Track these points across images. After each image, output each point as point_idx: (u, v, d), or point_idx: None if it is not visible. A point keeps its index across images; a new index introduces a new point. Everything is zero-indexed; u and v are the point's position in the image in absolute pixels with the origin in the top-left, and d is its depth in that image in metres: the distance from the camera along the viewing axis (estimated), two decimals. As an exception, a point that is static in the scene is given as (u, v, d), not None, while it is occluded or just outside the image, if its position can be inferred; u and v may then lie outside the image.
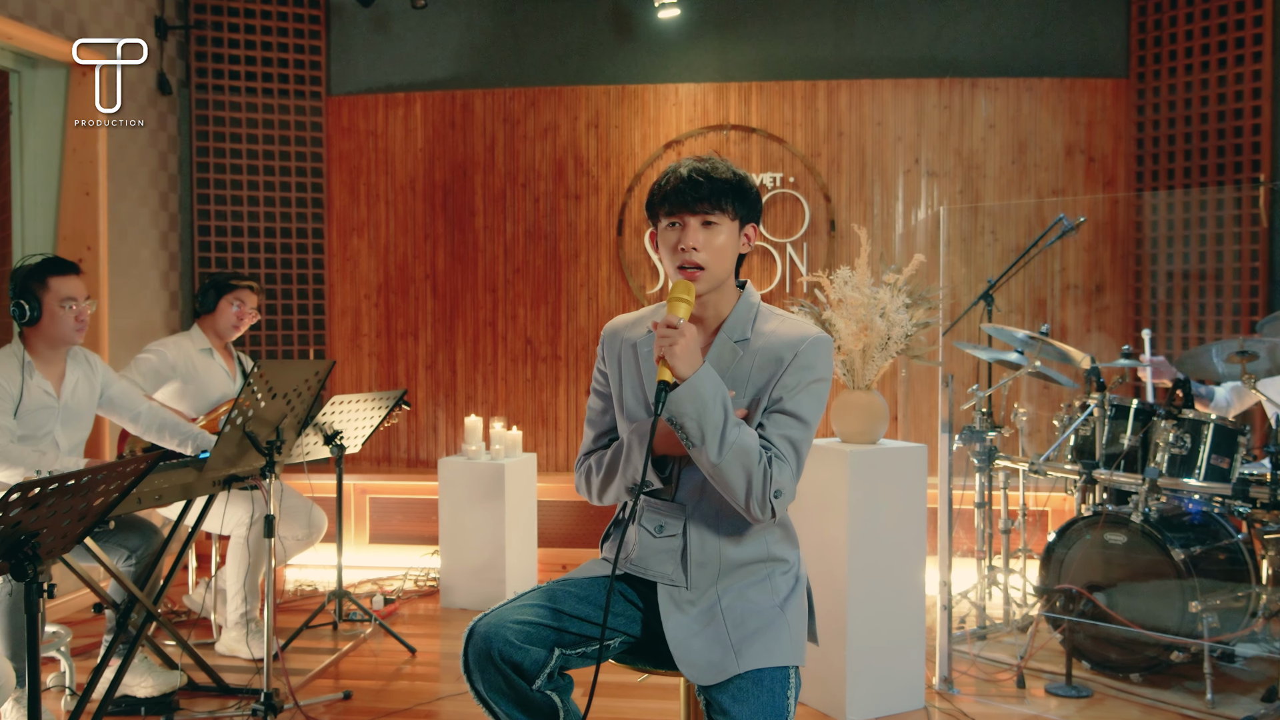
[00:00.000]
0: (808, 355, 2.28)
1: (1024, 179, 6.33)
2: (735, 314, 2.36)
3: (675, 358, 2.15)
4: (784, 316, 2.39)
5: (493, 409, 6.63)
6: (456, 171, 6.66)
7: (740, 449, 2.18)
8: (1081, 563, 4.40)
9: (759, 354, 2.31)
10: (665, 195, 2.30)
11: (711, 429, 2.16)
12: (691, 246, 2.26)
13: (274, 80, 6.60)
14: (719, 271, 2.30)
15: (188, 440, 4.23)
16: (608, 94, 6.55)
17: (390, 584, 5.82)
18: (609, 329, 2.54)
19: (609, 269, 6.56)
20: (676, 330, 2.16)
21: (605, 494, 2.48)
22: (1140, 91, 6.21)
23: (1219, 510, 4.41)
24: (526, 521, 5.67)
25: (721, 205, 2.27)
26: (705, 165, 2.30)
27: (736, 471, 2.18)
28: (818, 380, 2.29)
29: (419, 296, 6.72)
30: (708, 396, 2.16)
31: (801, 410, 2.27)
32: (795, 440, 2.26)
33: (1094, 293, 6.30)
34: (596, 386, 2.55)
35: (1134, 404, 4.61)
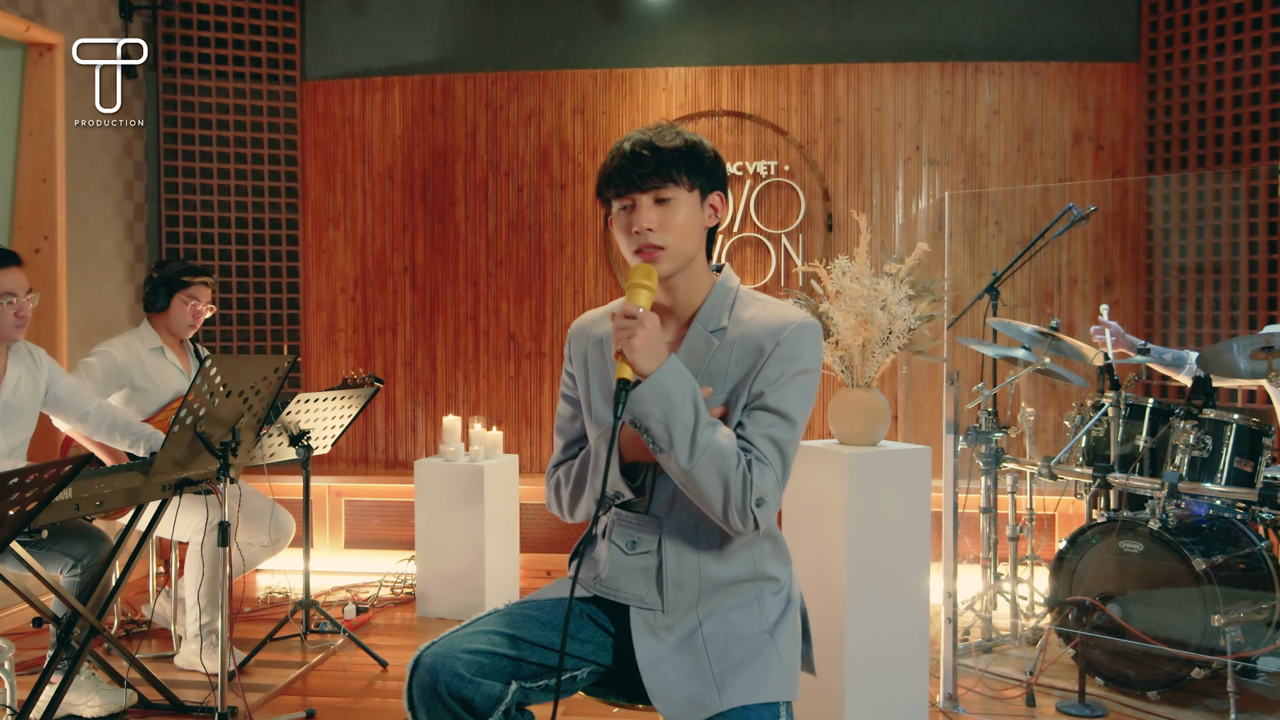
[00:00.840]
0: (792, 343, 2.01)
1: (1030, 167, 6.05)
2: (710, 301, 2.10)
3: (635, 351, 1.89)
4: (766, 301, 2.12)
5: (474, 408, 6.35)
6: (437, 159, 6.38)
7: (714, 452, 1.92)
8: (1095, 572, 4.13)
9: (737, 344, 2.05)
10: (610, 176, 2.06)
11: (680, 431, 1.90)
12: (646, 227, 2.01)
13: (245, 64, 6.32)
14: (683, 250, 2.04)
15: (140, 440, 3.96)
16: (594, 78, 6.27)
17: (365, 591, 5.55)
18: (575, 326, 2.29)
19: (596, 262, 6.28)
20: (635, 320, 1.91)
21: (576, 509, 2.21)
22: (1151, 76, 5.94)
23: (1241, 516, 4.14)
24: (508, 526, 5.40)
25: (674, 177, 2.02)
26: (649, 135, 2.05)
27: (711, 478, 1.92)
28: (804, 371, 2.03)
29: (397, 290, 6.44)
30: (674, 393, 1.90)
31: (785, 405, 2.00)
32: (779, 440, 1.99)
33: (1102, 286, 6.03)
34: (565, 390, 2.30)
35: (1150, 403, 4.35)
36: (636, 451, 2.05)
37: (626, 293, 2.00)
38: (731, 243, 6.13)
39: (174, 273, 4.50)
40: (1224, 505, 4.14)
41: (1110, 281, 6.03)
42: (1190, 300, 5.83)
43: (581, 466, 2.17)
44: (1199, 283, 5.81)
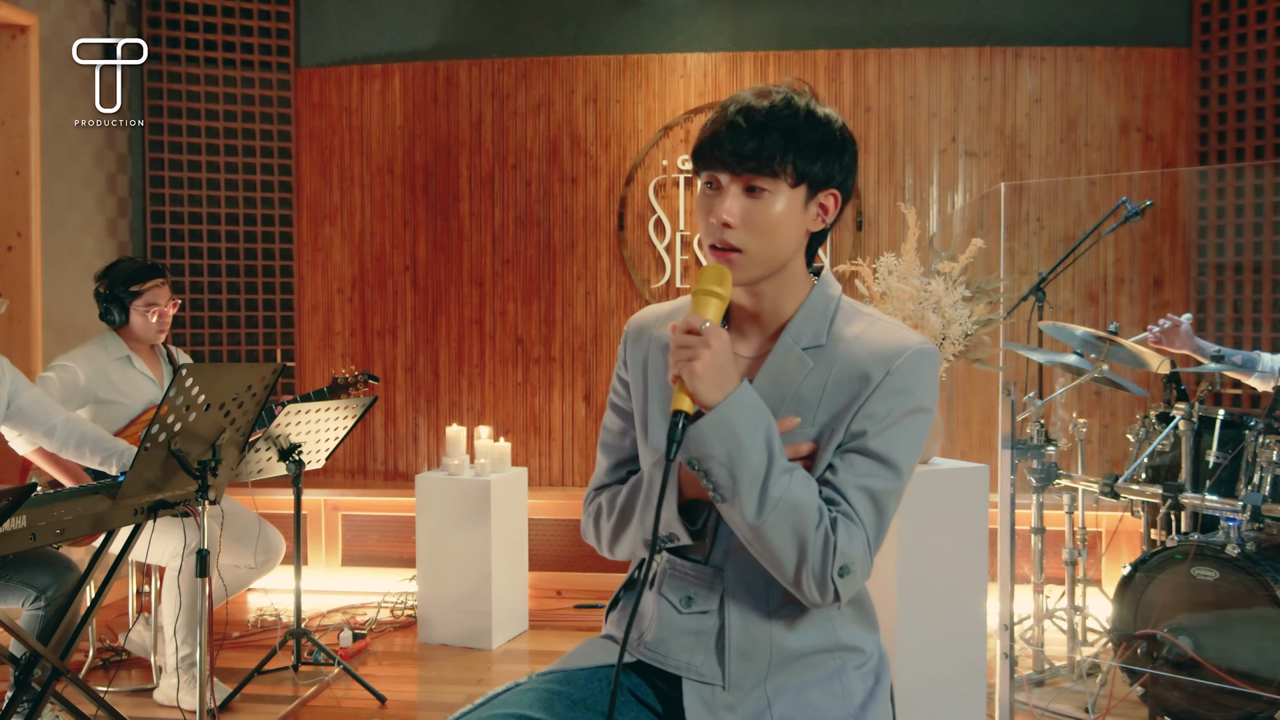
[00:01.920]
0: (907, 373, 1.62)
1: (1073, 159, 5.66)
2: (805, 311, 1.71)
3: (696, 378, 1.52)
4: (875, 317, 1.72)
5: (479, 416, 5.97)
6: (439, 152, 6.00)
7: (789, 507, 1.54)
8: (1165, 602, 3.74)
9: (837, 367, 1.65)
10: (702, 145, 1.65)
11: (747, 478, 1.53)
12: (724, 220, 1.62)
13: (236, 50, 5.94)
14: (768, 256, 1.65)
15: (112, 457, 3.59)
16: (607, 65, 5.89)
17: (364, 614, 5.17)
18: (635, 323, 1.89)
19: (609, 260, 5.90)
20: (699, 338, 1.53)
21: (617, 545, 1.84)
22: (1204, 62, 5.55)
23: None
24: (516, 544, 5.02)
25: (774, 164, 1.59)
26: (762, 101, 1.62)
27: (783, 538, 1.55)
28: (918, 410, 1.63)
29: (398, 291, 6.05)
30: (743, 432, 1.53)
31: (891, 451, 1.61)
32: (878, 493, 1.60)
33: (1151, 287, 5.64)
34: (614, 399, 1.90)
35: (1221, 415, 3.96)
36: (699, 487, 1.67)
37: (692, 300, 1.61)
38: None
39: (121, 282, 4.05)
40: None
41: (1159, 282, 5.64)
42: (1246, 301, 5.44)
43: (630, 496, 1.78)
44: (1256, 283, 5.42)
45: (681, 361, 1.53)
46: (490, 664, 4.59)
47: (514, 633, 4.96)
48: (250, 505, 4.36)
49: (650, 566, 1.67)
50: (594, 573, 5.58)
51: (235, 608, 5.31)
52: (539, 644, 4.90)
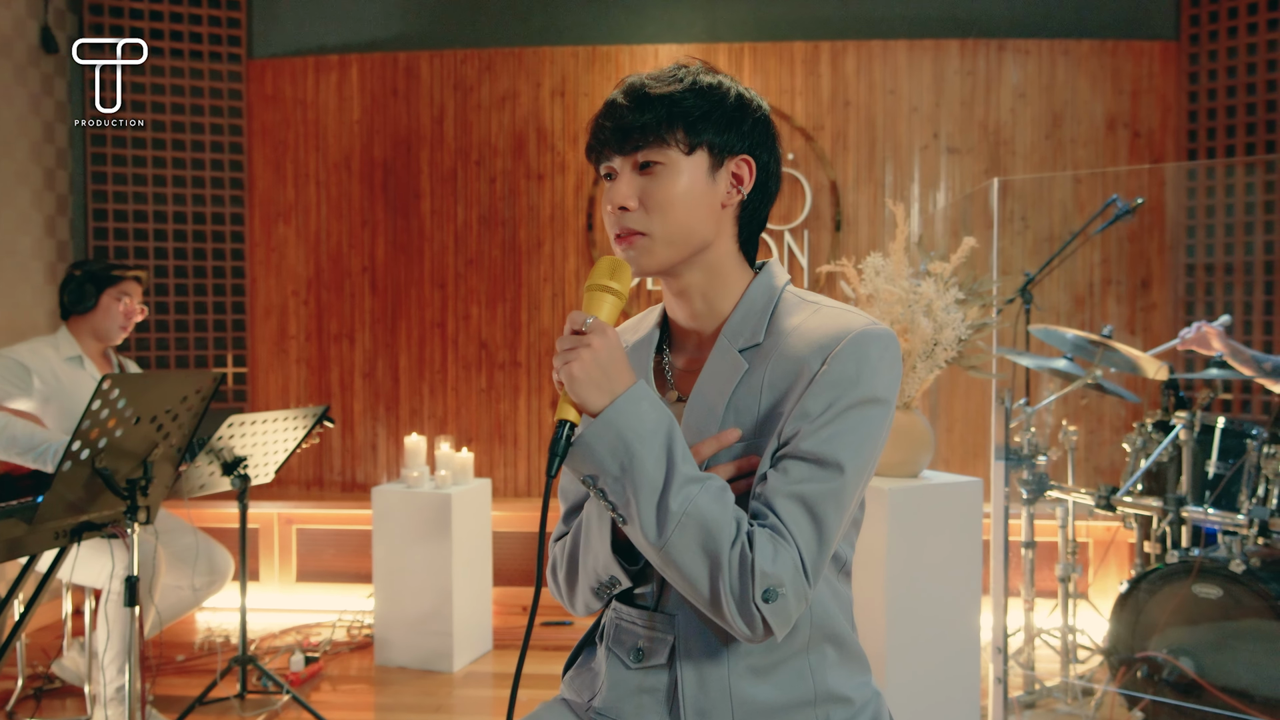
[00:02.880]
0: (847, 360, 1.37)
1: (1059, 156, 5.46)
2: (742, 307, 1.49)
3: (575, 381, 1.33)
4: (819, 304, 1.48)
5: (441, 424, 5.70)
6: (399, 147, 5.72)
7: (695, 522, 1.31)
8: (1166, 622, 3.54)
9: (773, 365, 1.43)
10: (591, 136, 1.49)
11: (645, 492, 1.31)
12: (618, 204, 1.44)
13: (184, 39, 5.65)
14: (673, 235, 1.44)
15: (46, 455, 3.33)
16: (576, 56, 5.63)
17: (319, 633, 4.90)
18: None
19: (577, 261, 5.64)
20: (581, 337, 1.34)
21: (574, 598, 1.60)
22: (1193, 56, 5.37)
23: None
24: (479, 561, 4.76)
25: (662, 134, 1.42)
26: (644, 78, 1.46)
27: (693, 559, 1.32)
28: (865, 402, 1.38)
29: (356, 293, 5.77)
30: (634, 439, 1.31)
31: (828, 449, 1.35)
32: (812, 499, 1.34)
33: (1139, 288, 5.45)
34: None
35: (1220, 423, 3.76)
36: None
37: (585, 297, 1.42)
38: (729, 240, 5.50)
39: (101, 268, 3.88)
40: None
41: (1147, 283, 5.45)
42: (1237, 303, 5.26)
43: (574, 542, 1.56)
44: (1247, 284, 5.24)
45: (560, 366, 1.33)
46: (451, 688, 4.34)
47: (477, 653, 4.71)
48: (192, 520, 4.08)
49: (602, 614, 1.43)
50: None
51: (181, 629, 5.02)
52: (504, 665, 4.64)
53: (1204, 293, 5.38)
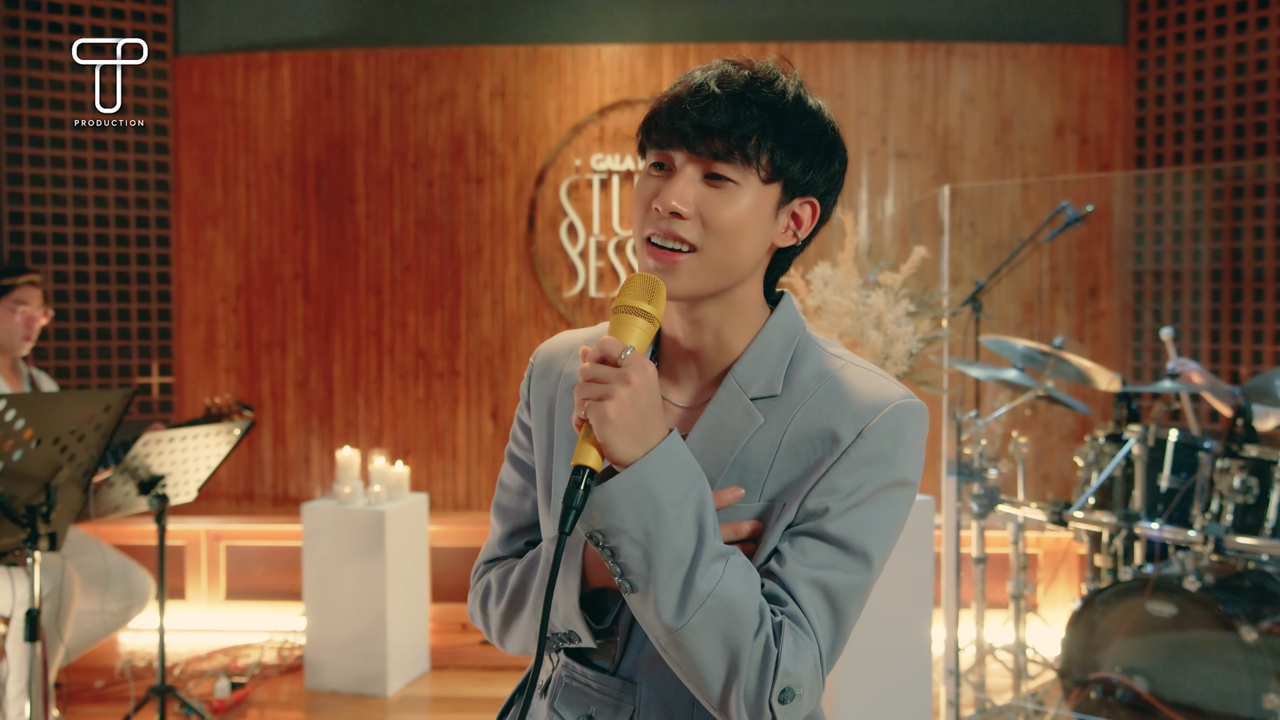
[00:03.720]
0: (884, 436, 1.24)
1: (1007, 162, 5.40)
2: (756, 349, 1.31)
3: (607, 424, 1.15)
4: (847, 360, 1.32)
5: (377, 435, 5.51)
6: (333, 148, 5.53)
7: (722, 606, 1.16)
8: (1120, 641, 3.46)
9: (795, 425, 1.27)
10: (658, 115, 1.26)
11: (668, 563, 1.16)
12: (672, 206, 1.22)
13: (106, 34, 5.41)
14: (721, 263, 1.25)
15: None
16: (516, 56, 5.47)
17: (248, 654, 4.70)
18: (542, 353, 1.49)
19: (518, 267, 5.48)
20: (617, 370, 1.15)
21: (508, 636, 1.42)
22: (1141, 61, 5.33)
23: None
24: (415, 579, 4.59)
25: (747, 147, 1.22)
26: (740, 71, 1.25)
27: (710, 647, 1.17)
28: (897, 485, 1.25)
29: (287, 299, 5.56)
30: (667, 500, 1.15)
31: (858, 536, 1.22)
32: (836, 591, 1.22)
33: (1087, 295, 5.39)
34: (514, 450, 1.49)
35: (1173, 436, 3.69)
36: (606, 574, 1.28)
37: (612, 320, 1.23)
38: (674, 246, 5.37)
39: None
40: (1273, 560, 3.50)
41: (1096, 290, 5.40)
42: (1185, 311, 5.22)
43: (524, 576, 1.37)
44: (1195, 291, 5.21)
45: (590, 401, 1.15)
46: (385, 713, 4.17)
47: (413, 675, 4.53)
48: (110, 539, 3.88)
49: (537, 671, 1.26)
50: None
51: (101, 652, 4.79)
52: (441, 688, 4.47)
53: (1152, 300, 5.34)
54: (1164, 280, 5.30)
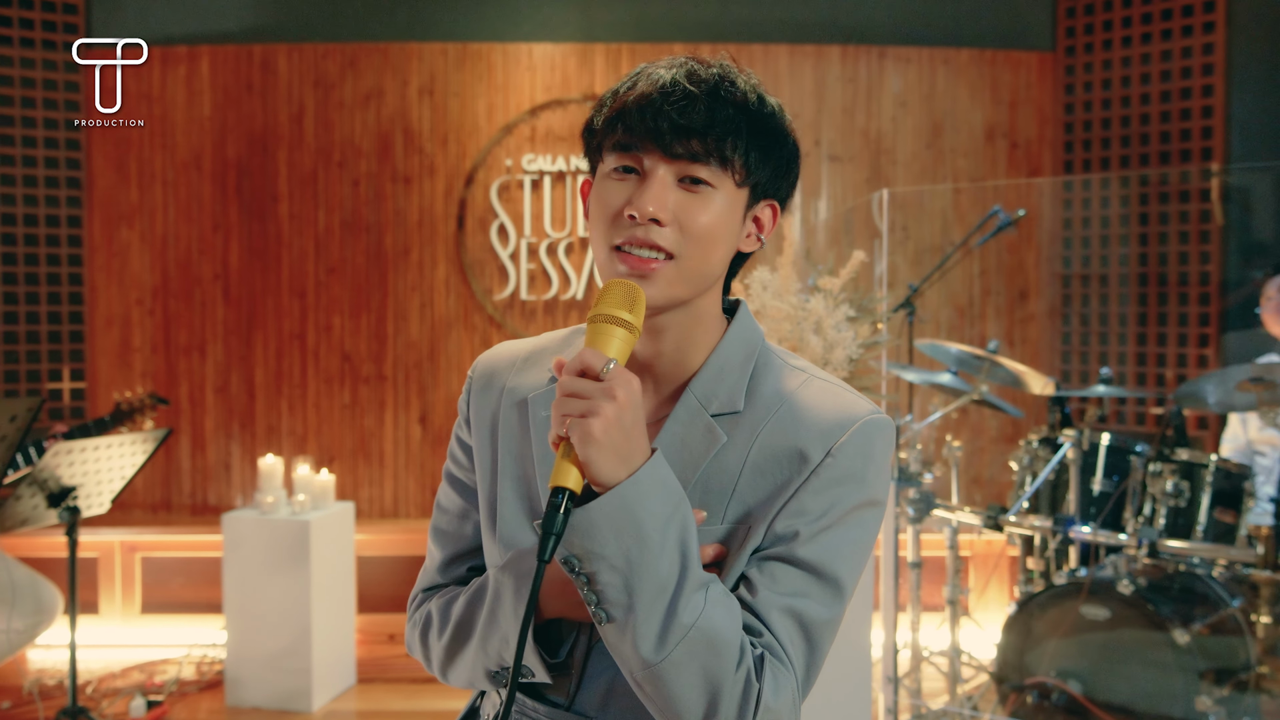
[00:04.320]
0: (853, 455, 1.18)
1: (939, 165, 5.42)
2: (715, 362, 1.25)
3: (592, 443, 1.07)
4: (810, 374, 1.27)
5: (301, 441, 5.35)
6: (255, 146, 5.36)
7: (704, 639, 1.10)
8: (1055, 644, 3.46)
9: (760, 443, 1.21)
10: (625, 113, 1.18)
11: (649, 592, 1.09)
12: (650, 212, 1.16)
13: (14, 25, 5.20)
14: (697, 272, 1.20)
15: None
16: (445, 53, 5.36)
17: (165, 670, 4.53)
18: (483, 366, 1.40)
19: (447, 269, 5.36)
20: (600, 385, 1.08)
21: (452, 670, 1.34)
22: (1069, 68, 5.39)
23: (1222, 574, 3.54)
24: (341, 590, 4.46)
25: (726, 152, 1.17)
26: (707, 69, 1.19)
27: (690, 682, 1.11)
28: (867, 505, 1.20)
29: (207, 302, 5.39)
30: (651, 526, 1.08)
31: (830, 562, 1.18)
32: (810, 622, 1.17)
33: (1017, 300, 5.43)
34: (452, 469, 1.40)
35: (1105, 440, 3.71)
36: (564, 603, 1.20)
37: (589, 331, 1.15)
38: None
39: None
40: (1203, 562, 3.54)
41: (1026, 294, 5.44)
42: (1112, 315, 5.29)
43: (469, 607, 1.29)
44: (1122, 295, 5.27)
45: (572, 417, 1.07)
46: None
47: (339, 689, 4.40)
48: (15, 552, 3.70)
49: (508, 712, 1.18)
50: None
51: (8, 670, 4.58)
52: (368, 702, 4.35)
53: (1080, 304, 5.39)
54: (1091, 284, 5.37)
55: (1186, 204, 5.10)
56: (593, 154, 1.25)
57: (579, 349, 1.28)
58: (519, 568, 1.22)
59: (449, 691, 4.40)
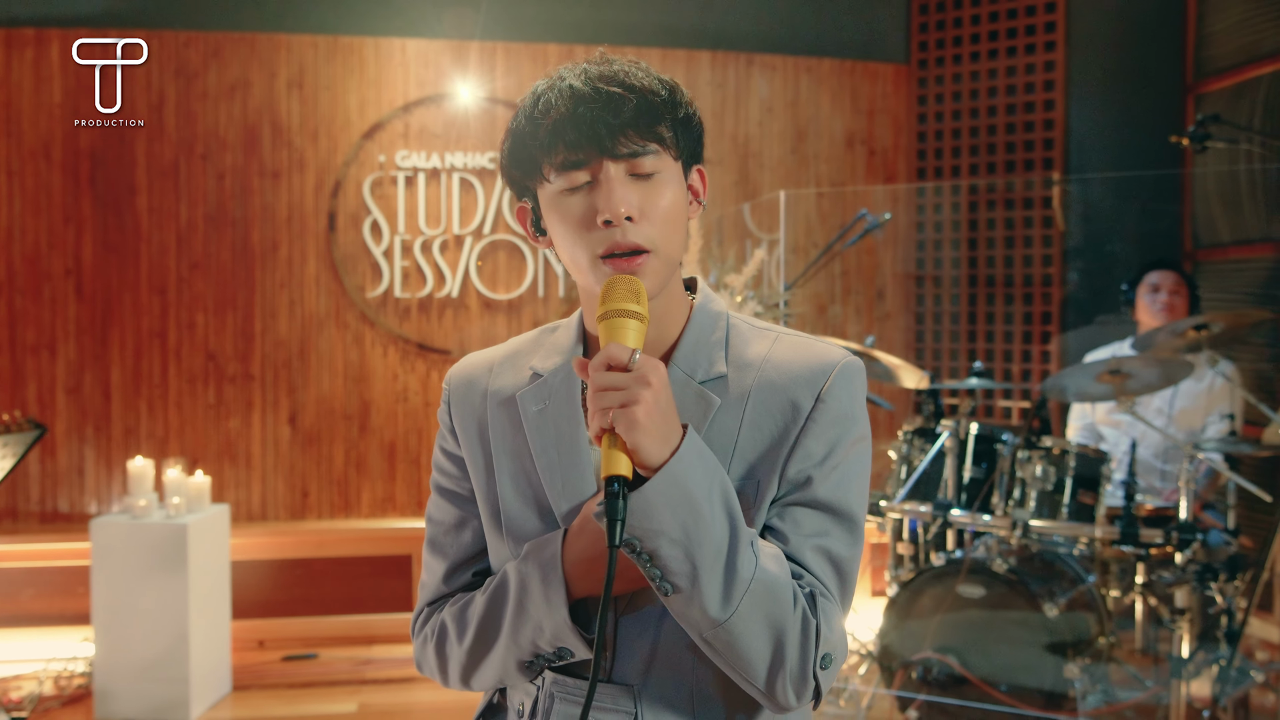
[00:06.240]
0: (840, 395, 1.29)
1: (803, 171, 5.63)
2: (691, 334, 1.33)
3: (638, 429, 1.13)
4: (777, 332, 1.36)
5: (162, 444, 5.14)
6: (110, 136, 5.12)
7: (764, 588, 1.18)
8: (936, 622, 3.67)
9: (752, 400, 1.29)
10: (556, 129, 1.24)
11: (709, 557, 1.16)
12: (624, 213, 1.22)
13: None
14: (671, 257, 1.28)
15: None
16: (315, 46, 5.24)
17: (20, 687, 4.29)
18: (458, 376, 1.44)
19: (318, 265, 5.25)
20: (633, 375, 1.14)
21: (477, 674, 1.37)
22: (922, 80, 5.68)
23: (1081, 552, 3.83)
24: (217, 596, 4.33)
25: (660, 135, 1.26)
26: (606, 68, 1.27)
27: (757, 631, 1.19)
28: (861, 440, 1.31)
29: (57, 298, 5.11)
30: (700, 495, 1.15)
31: (844, 499, 1.28)
32: (840, 557, 1.27)
33: (875, 299, 5.70)
34: (442, 482, 1.44)
35: (974, 429, 3.96)
36: (591, 582, 1.25)
37: (603, 327, 1.20)
38: (482, 246, 5.29)
39: None
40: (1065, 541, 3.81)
41: (883, 294, 5.72)
42: (962, 314, 5.61)
43: (492, 607, 1.32)
44: (971, 295, 5.60)
45: (614, 409, 1.13)
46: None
47: (216, 697, 4.27)
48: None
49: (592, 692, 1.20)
50: (301, 617, 4.94)
51: None
52: (247, 709, 4.24)
53: (932, 303, 5.70)
54: (943, 284, 5.67)
55: (1030, 210, 5.46)
56: (527, 180, 1.31)
57: (556, 346, 1.39)
58: (541, 556, 1.27)
59: (329, 695, 4.33)
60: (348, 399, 5.24)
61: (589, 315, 1.36)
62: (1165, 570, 3.54)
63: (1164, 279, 4.20)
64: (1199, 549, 3.40)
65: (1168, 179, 5.20)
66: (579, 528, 1.26)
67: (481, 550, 1.41)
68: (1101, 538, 3.57)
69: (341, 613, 5.00)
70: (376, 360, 5.26)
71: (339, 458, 5.24)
